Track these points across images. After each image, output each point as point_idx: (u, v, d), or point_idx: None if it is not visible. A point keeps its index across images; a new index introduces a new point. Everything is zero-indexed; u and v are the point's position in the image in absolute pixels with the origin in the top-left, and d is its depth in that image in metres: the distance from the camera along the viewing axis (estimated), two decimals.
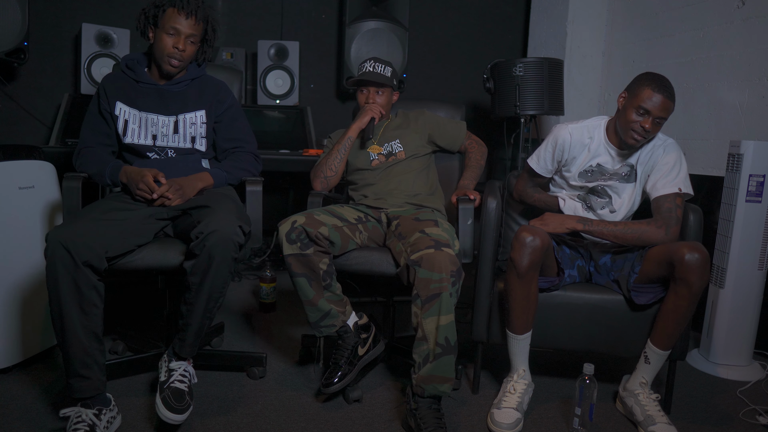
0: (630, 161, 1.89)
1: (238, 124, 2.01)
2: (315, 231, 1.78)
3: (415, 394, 1.69)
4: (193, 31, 1.84)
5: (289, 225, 1.79)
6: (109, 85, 1.90)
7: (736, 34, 2.69)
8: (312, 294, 1.82)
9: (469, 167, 2.21)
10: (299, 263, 1.79)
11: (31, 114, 3.07)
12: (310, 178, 2.16)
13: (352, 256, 1.90)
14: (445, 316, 1.66)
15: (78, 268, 1.51)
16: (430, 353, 1.67)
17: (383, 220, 2.04)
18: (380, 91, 2.15)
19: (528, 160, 2.07)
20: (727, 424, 1.86)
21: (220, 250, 1.59)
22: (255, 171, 2.02)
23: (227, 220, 1.62)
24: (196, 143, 1.93)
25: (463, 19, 3.81)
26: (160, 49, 1.84)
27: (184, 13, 1.81)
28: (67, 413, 1.54)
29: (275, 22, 3.50)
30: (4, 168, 1.93)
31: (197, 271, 1.61)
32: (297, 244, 1.77)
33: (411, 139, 2.18)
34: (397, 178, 2.12)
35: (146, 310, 2.62)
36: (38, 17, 3.03)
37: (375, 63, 2.15)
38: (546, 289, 1.83)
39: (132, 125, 1.87)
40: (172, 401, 1.60)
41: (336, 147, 2.13)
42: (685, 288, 1.67)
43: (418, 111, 2.27)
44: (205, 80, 1.98)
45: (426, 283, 1.66)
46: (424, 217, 1.92)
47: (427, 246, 1.70)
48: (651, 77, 1.79)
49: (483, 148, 2.26)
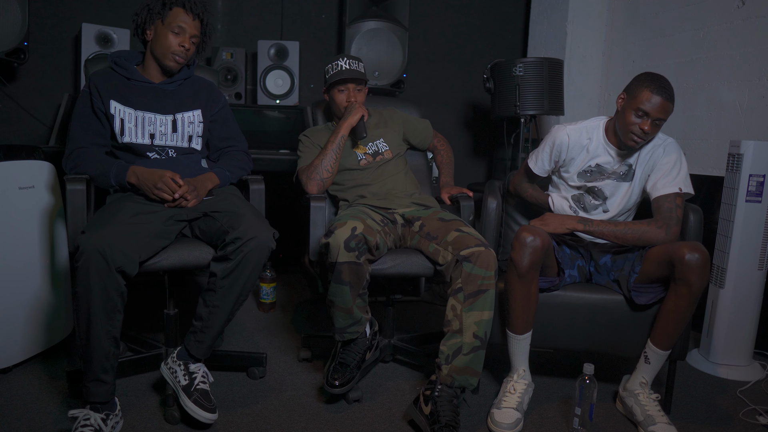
0: (629, 161, 1.89)
1: (230, 124, 2.04)
2: (374, 239, 1.77)
3: (443, 383, 1.70)
4: (197, 32, 1.87)
5: (348, 231, 1.72)
6: (100, 83, 1.84)
7: (736, 34, 2.69)
8: (351, 302, 1.77)
9: (445, 164, 2.27)
10: (351, 271, 1.73)
11: (31, 114, 3.07)
12: (301, 181, 2.07)
13: (387, 260, 1.87)
14: (487, 312, 1.71)
15: (111, 274, 1.50)
16: (465, 346, 1.69)
17: (399, 222, 2.01)
18: (359, 88, 2.14)
19: (527, 160, 2.08)
20: (727, 424, 1.86)
21: (256, 256, 1.62)
22: (248, 168, 2.04)
23: (264, 227, 1.66)
24: (193, 142, 1.93)
25: (463, 19, 3.80)
26: (164, 47, 1.83)
27: (191, 14, 1.83)
28: (75, 414, 1.54)
29: (275, 22, 3.49)
30: (4, 168, 1.92)
31: (229, 275, 1.63)
32: (355, 252, 1.72)
33: (393, 137, 2.19)
34: (392, 178, 2.12)
35: (146, 310, 2.62)
36: (38, 17, 3.03)
37: (349, 60, 2.12)
38: (546, 289, 1.83)
39: (128, 124, 1.83)
40: (203, 402, 1.64)
41: (328, 147, 2.05)
42: (685, 288, 1.67)
43: (389, 109, 2.28)
44: (197, 81, 1.99)
45: (474, 278, 1.70)
46: (447, 217, 1.93)
47: (476, 244, 1.74)
48: (650, 78, 1.78)
49: (449, 144, 2.34)
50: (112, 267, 1.50)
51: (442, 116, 3.74)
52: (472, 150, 3.90)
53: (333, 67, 2.12)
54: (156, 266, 1.67)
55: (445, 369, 1.71)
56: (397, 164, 2.15)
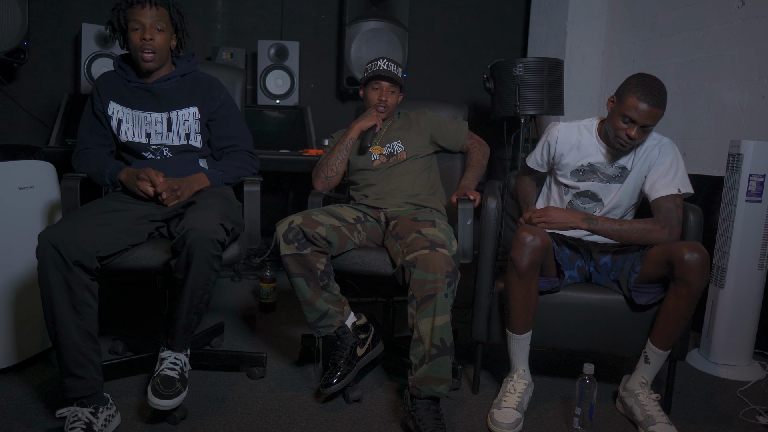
0: (622, 162, 1.88)
1: (232, 122, 2.00)
2: (312, 231, 1.79)
3: (413, 396, 1.69)
4: (157, 19, 1.82)
5: (286, 225, 1.79)
6: (102, 86, 1.92)
7: (736, 34, 2.69)
8: (309, 294, 1.82)
9: (471, 167, 2.21)
10: (297, 263, 1.80)
11: (31, 114, 3.07)
12: (312, 178, 2.16)
13: (350, 256, 1.90)
14: (440, 317, 1.65)
15: (69, 268, 1.51)
16: (426, 354, 1.67)
17: (382, 220, 2.03)
18: (393, 89, 2.16)
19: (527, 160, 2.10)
20: (727, 424, 1.86)
21: (198, 248, 1.58)
22: (252, 169, 2.01)
23: (207, 218, 1.62)
24: (191, 140, 1.93)
25: (463, 19, 3.81)
26: (132, 49, 1.84)
27: (140, 4, 1.80)
28: (63, 414, 1.54)
29: (275, 22, 3.49)
30: (4, 168, 1.93)
31: (179, 269, 1.62)
32: (294, 244, 1.78)
33: (413, 139, 2.18)
34: (398, 178, 2.12)
35: (146, 310, 2.62)
36: (38, 17, 3.03)
37: (388, 62, 2.16)
38: (546, 291, 1.83)
39: (126, 124, 1.89)
40: (160, 388, 1.61)
41: (337, 147, 2.13)
42: (684, 288, 1.67)
43: (419, 111, 2.27)
44: (197, 77, 1.97)
45: (421, 284, 1.66)
46: (422, 217, 1.91)
47: (422, 246, 1.70)
48: (639, 83, 1.75)
49: (485, 148, 2.26)
50: (68, 261, 1.50)
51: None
52: None
53: (372, 66, 2.17)
54: (123, 265, 1.68)
55: (410, 381, 1.70)
56: (410, 165, 2.15)
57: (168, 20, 1.86)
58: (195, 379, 1.93)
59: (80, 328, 1.55)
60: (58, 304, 1.52)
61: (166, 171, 1.83)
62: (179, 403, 1.64)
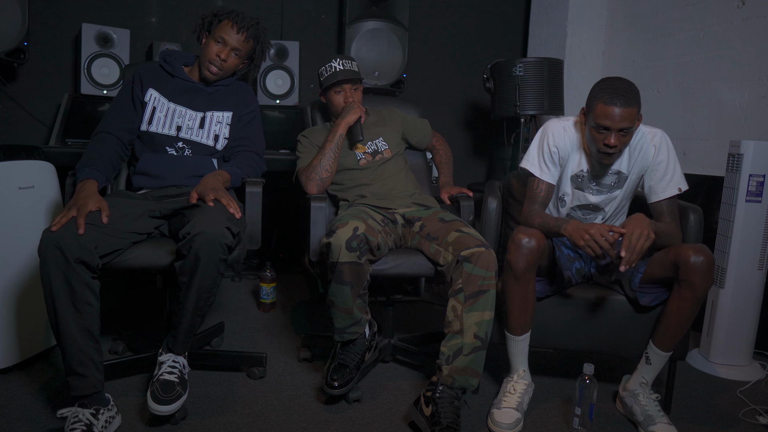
0: (617, 167, 1.85)
1: (251, 126, 2.06)
2: (376, 240, 1.76)
3: (443, 384, 1.69)
4: (240, 46, 1.94)
5: (350, 231, 1.71)
6: (144, 73, 1.97)
7: (736, 34, 2.69)
8: (352, 303, 1.77)
9: (444, 164, 2.28)
10: (352, 271, 1.72)
11: (31, 114, 3.07)
12: (301, 182, 2.07)
13: (388, 260, 1.87)
14: (488, 312, 1.71)
15: (70, 266, 1.51)
16: (465, 346, 1.69)
17: (399, 222, 2.01)
18: (355, 87, 2.14)
19: (529, 188, 1.93)
20: (727, 424, 1.86)
21: (206, 252, 1.57)
22: (258, 170, 2.02)
23: (215, 221, 1.60)
24: (219, 143, 1.98)
25: (463, 19, 3.80)
26: (204, 54, 1.94)
27: (236, 27, 1.91)
28: (64, 413, 1.54)
29: (275, 22, 3.49)
30: (4, 168, 1.93)
31: (185, 272, 1.61)
32: (356, 252, 1.71)
33: (391, 136, 2.19)
34: (392, 177, 2.12)
35: (146, 310, 2.62)
36: (38, 17, 3.03)
37: (342, 60, 2.12)
38: (544, 297, 1.84)
39: (159, 113, 1.93)
40: (159, 393, 1.61)
41: (326, 146, 2.05)
42: (688, 290, 1.66)
43: (388, 108, 2.29)
44: (236, 84, 2.06)
45: (474, 279, 1.70)
46: (447, 218, 1.92)
47: (476, 245, 1.74)
48: (602, 88, 1.70)
49: (447, 144, 2.34)
50: (70, 258, 1.50)
51: (442, 116, 3.73)
52: (472, 150, 3.90)
53: (327, 69, 2.13)
54: (124, 264, 1.68)
55: (445, 370, 1.71)
56: (397, 163, 2.15)
57: (248, 51, 1.98)
58: (195, 379, 1.93)
59: (81, 327, 1.55)
60: (59, 302, 1.52)
61: (183, 169, 1.88)
62: (179, 407, 1.64)
